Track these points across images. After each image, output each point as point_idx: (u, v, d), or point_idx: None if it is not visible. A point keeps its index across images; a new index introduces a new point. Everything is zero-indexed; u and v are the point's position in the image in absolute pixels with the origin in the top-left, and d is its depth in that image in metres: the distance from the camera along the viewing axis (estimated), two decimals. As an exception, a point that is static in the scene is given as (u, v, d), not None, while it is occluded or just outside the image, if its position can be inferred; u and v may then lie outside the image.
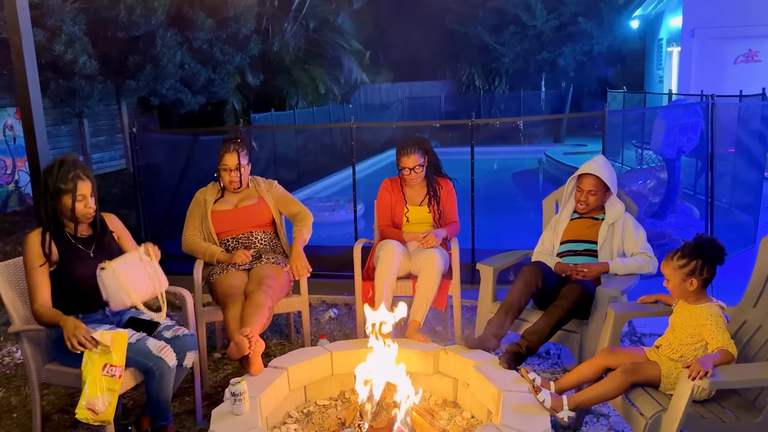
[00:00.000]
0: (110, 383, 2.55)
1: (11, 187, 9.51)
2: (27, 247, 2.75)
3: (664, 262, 2.58)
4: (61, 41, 7.81)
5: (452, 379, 2.94)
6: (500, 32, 18.39)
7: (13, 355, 4.03)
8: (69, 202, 2.77)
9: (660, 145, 6.23)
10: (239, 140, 3.71)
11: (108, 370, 2.54)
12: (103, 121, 12.19)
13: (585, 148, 13.48)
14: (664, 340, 2.61)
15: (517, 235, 5.38)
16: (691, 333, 2.49)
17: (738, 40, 12.62)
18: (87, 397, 2.51)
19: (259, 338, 2.91)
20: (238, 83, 13.30)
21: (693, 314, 2.51)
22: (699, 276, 2.48)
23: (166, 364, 2.69)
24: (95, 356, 2.55)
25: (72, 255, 2.82)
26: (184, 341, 2.85)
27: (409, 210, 3.84)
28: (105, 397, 2.53)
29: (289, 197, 3.84)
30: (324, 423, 2.75)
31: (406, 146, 3.76)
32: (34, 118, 3.74)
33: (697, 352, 2.45)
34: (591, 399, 2.54)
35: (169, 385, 2.76)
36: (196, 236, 3.62)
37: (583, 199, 3.44)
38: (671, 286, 2.56)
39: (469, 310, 4.33)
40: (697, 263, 2.47)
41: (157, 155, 6.17)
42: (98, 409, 2.51)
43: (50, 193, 2.77)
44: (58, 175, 2.76)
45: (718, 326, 2.42)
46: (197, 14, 9.81)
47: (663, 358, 2.54)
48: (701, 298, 2.53)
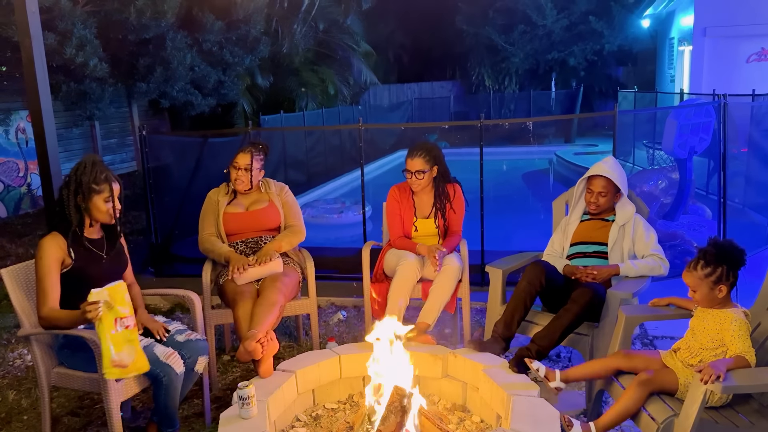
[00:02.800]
0: (127, 334, 2.53)
1: (23, 189, 9.59)
2: (42, 252, 2.73)
3: (686, 272, 2.50)
4: (72, 44, 7.85)
5: (461, 383, 2.92)
6: (510, 32, 18.32)
7: (24, 358, 4.05)
8: (99, 203, 2.78)
9: (671, 145, 6.17)
10: (260, 146, 3.70)
11: (120, 323, 2.52)
12: (114, 123, 12.26)
13: (596, 148, 13.41)
14: (683, 344, 2.57)
15: (526, 236, 5.35)
16: (713, 337, 2.44)
17: (750, 38, 12.49)
18: (109, 355, 2.49)
19: (274, 338, 2.91)
20: (248, 85, 13.34)
21: (717, 318, 2.45)
22: (726, 282, 2.42)
23: (173, 371, 2.69)
24: (103, 316, 2.50)
25: (86, 257, 2.82)
26: (196, 345, 2.86)
27: (418, 225, 3.79)
28: (127, 348, 2.52)
29: (295, 209, 3.79)
30: (332, 426, 2.73)
31: (415, 149, 3.72)
32: (45, 121, 3.76)
33: (716, 357, 2.40)
34: (614, 420, 2.49)
35: (176, 392, 2.75)
36: (212, 235, 3.61)
37: (594, 201, 3.41)
38: (699, 296, 2.48)
39: (478, 313, 4.31)
40: (723, 269, 2.41)
41: (168, 157, 6.19)
42: (126, 363, 2.51)
43: (83, 192, 2.76)
44: (92, 174, 2.76)
45: (741, 332, 2.37)
46: (207, 16, 9.84)
47: (679, 364, 2.50)
48: (727, 304, 2.47)
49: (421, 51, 20.56)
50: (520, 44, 18.35)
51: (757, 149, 6.24)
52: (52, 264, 2.73)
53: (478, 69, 19.82)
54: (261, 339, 2.84)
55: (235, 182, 3.62)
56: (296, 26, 14.05)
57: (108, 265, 2.88)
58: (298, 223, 3.74)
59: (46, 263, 2.72)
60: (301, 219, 3.80)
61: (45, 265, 2.72)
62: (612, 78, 19.09)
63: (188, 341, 2.85)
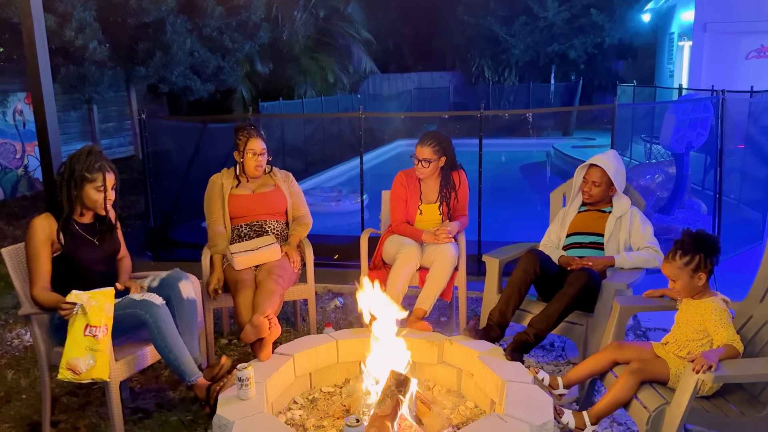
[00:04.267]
0: (91, 343, 2.57)
1: (20, 171, 9.57)
2: (32, 231, 2.78)
3: (665, 263, 2.57)
4: (72, 27, 7.82)
5: (456, 369, 2.95)
6: (511, 23, 18.28)
7: (22, 338, 4.07)
8: (91, 191, 2.82)
9: (669, 140, 6.20)
10: (253, 126, 3.73)
11: (89, 331, 2.57)
12: (113, 107, 12.22)
13: (593, 141, 13.44)
14: (671, 337, 2.62)
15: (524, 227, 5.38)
16: (696, 329, 2.50)
17: (750, 35, 12.49)
18: (67, 357, 2.57)
19: (277, 323, 2.94)
20: (247, 71, 13.30)
21: (698, 309, 2.51)
22: (705, 269, 2.48)
23: (153, 305, 2.72)
24: (76, 318, 2.58)
25: (78, 241, 2.86)
26: (170, 278, 2.92)
27: (422, 209, 3.83)
28: (87, 357, 2.57)
29: (302, 197, 3.88)
30: (329, 410, 2.77)
31: (426, 138, 3.75)
32: (45, 103, 3.75)
33: (703, 347, 2.45)
34: (607, 408, 2.53)
35: (169, 328, 2.74)
36: (219, 219, 3.62)
37: (587, 190, 3.46)
38: (680, 285, 2.54)
39: (474, 302, 4.35)
40: (700, 257, 2.47)
41: (166, 142, 6.19)
42: (79, 369, 2.56)
43: (75, 180, 2.80)
44: (86, 163, 2.80)
45: (723, 321, 2.42)
46: (207, 1, 9.79)
47: (671, 355, 2.55)
48: (706, 292, 2.53)
49: (422, 41, 20.48)
50: (521, 36, 18.31)
51: (754, 146, 6.27)
52: (41, 244, 2.77)
53: (478, 60, 19.78)
54: (269, 315, 2.88)
55: (257, 169, 3.65)
56: (297, 13, 14.00)
57: (100, 249, 2.92)
58: (306, 211, 3.84)
59: (35, 243, 2.77)
60: (308, 208, 3.88)
61: (34, 245, 2.77)
62: (611, 72, 19.08)
63: (162, 280, 2.91)
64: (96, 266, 2.90)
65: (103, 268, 2.95)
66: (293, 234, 3.68)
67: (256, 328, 2.86)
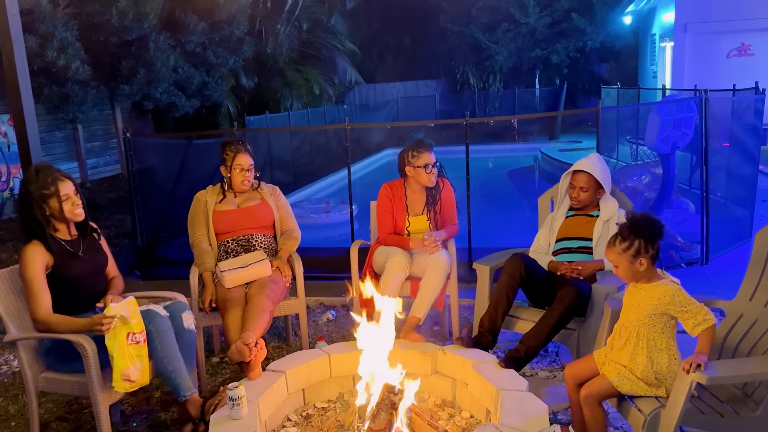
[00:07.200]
0: (137, 350, 2.63)
1: (6, 194, 9.47)
2: (27, 258, 2.75)
3: (607, 249, 2.51)
4: (54, 47, 7.78)
5: (451, 379, 2.94)
6: (493, 30, 18.42)
7: (11, 364, 4.01)
8: (56, 205, 2.80)
9: (654, 141, 6.23)
10: (241, 142, 3.74)
11: (132, 338, 2.61)
12: (98, 126, 12.14)
13: (580, 144, 13.51)
14: (615, 328, 2.54)
15: (513, 233, 5.38)
16: (650, 312, 2.40)
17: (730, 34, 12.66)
18: (120, 369, 2.58)
19: (263, 346, 2.91)
20: (232, 86, 13.29)
21: (651, 293, 2.41)
22: (646, 254, 2.40)
23: (158, 315, 2.75)
24: (116, 330, 2.60)
25: (64, 257, 2.84)
26: (174, 306, 2.92)
27: (411, 221, 3.81)
28: (136, 364, 2.61)
29: (290, 211, 3.88)
30: (323, 425, 2.74)
31: (426, 144, 3.74)
32: (27, 124, 3.73)
33: (656, 328, 2.39)
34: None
35: (171, 343, 2.75)
36: (203, 236, 3.61)
37: (575, 195, 3.46)
38: (621, 271, 2.47)
39: (466, 309, 4.33)
40: (640, 242, 2.40)
41: (152, 160, 6.15)
42: (133, 377, 2.60)
43: (35, 201, 2.79)
44: (38, 181, 2.79)
45: (687, 302, 2.34)
46: (190, 17, 9.79)
47: (608, 365, 2.48)
48: (653, 276, 2.45)
49: (406, 50, 20.57)
50: (504, 42, 18.45)
51: (739, 143, 6.31)
52: (38, 268, 2.76)
53: (462, 67, 19.88)
54: (250, 343, 2.84)
55: (244, 184, 3.65)
56: (280, 26, 14.03)
57: (86, 262, 2.91)
58: (295, 225, 3.83)
59: (32, 268, 2.75)
60: (296, 221, 3.88)
61: (31, 271, 2.75)
62: (595, 75, 19.23)
63: (165, 307, 2.90)
64: (85, 281, 2.88)
65: (92, 282, 2.94)
66: (283, 248, 3.67)
67: (240, 352, 2.83)
